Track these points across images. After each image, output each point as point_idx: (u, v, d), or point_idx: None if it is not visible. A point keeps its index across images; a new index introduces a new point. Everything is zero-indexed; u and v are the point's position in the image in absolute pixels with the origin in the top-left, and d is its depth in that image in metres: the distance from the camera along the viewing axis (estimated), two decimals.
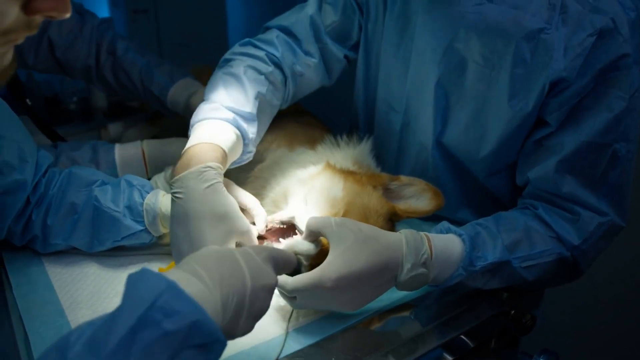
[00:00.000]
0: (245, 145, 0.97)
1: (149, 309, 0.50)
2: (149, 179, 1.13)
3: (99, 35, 1.40)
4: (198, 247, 0.81)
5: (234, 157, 0.96)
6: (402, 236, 0.83)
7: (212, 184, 0.83)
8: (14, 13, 0.57)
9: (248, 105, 0.98)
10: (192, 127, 0.93)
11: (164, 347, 0.49)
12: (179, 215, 0.83)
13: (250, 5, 2.28)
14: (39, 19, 0.60)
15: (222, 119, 0.92)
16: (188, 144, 0.89)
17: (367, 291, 0.81)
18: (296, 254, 0.83)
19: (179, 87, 1.36)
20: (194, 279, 0.58)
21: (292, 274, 0.80)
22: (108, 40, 1.40)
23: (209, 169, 0.84)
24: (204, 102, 0.97)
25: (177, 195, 0.84)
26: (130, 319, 0.49)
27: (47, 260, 0.98)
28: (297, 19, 1.17)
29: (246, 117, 0.97)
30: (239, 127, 0.94)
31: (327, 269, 0.78)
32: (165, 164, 1.18)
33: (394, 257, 0.81)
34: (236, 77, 1.01)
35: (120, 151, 1.19)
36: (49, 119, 1.65)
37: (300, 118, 1.28)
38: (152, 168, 1.20)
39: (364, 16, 1.17)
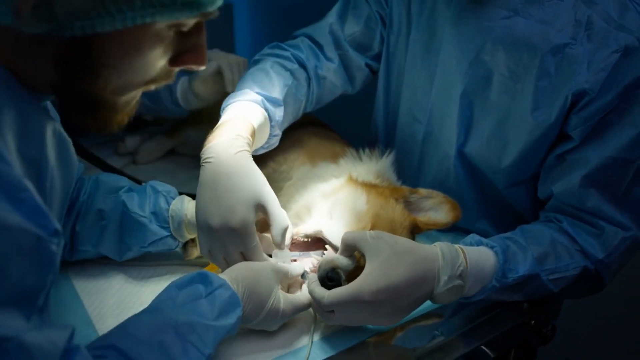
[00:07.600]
0: (272, 127, 1.03)
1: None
2: None
3: None
4: (225, 205, 0.83)
5: (261, 137, 1.01)
6: (438, 249, 0.84)
7: (240, 151, 0.87)
8: (161, 65, 0.64)
9: (275, 91, 1.04)
10: (222, 110, 0.99)
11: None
12: (208, 178, 0.86)
13: (257, 30, 2.29)
14: (176, 69, 0.67)
15: (250, 101, 0.99)
16: (219, 122, 0.94)
17: (404, 304, 0.82)
18: (336, 268, 0.84)
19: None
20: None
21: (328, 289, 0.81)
22: None
23: (239, 137, 0.89)
24: (233, 92, 1.03)
25: (207, 160, 0.87)
26: None
27: (73, 271, 0.98)
28: (320, 26, 1.23)
29: (273, 101, 1.03)
30: (266, 109, 1.00)
31: (365, 282, 0.78)
32: None
33: (431, 269, 0.81)
34: (264, 70, 1.08)
35: None
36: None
37: (319, 131, 1.30)
38: None
39: (387, 28, 1.19)
